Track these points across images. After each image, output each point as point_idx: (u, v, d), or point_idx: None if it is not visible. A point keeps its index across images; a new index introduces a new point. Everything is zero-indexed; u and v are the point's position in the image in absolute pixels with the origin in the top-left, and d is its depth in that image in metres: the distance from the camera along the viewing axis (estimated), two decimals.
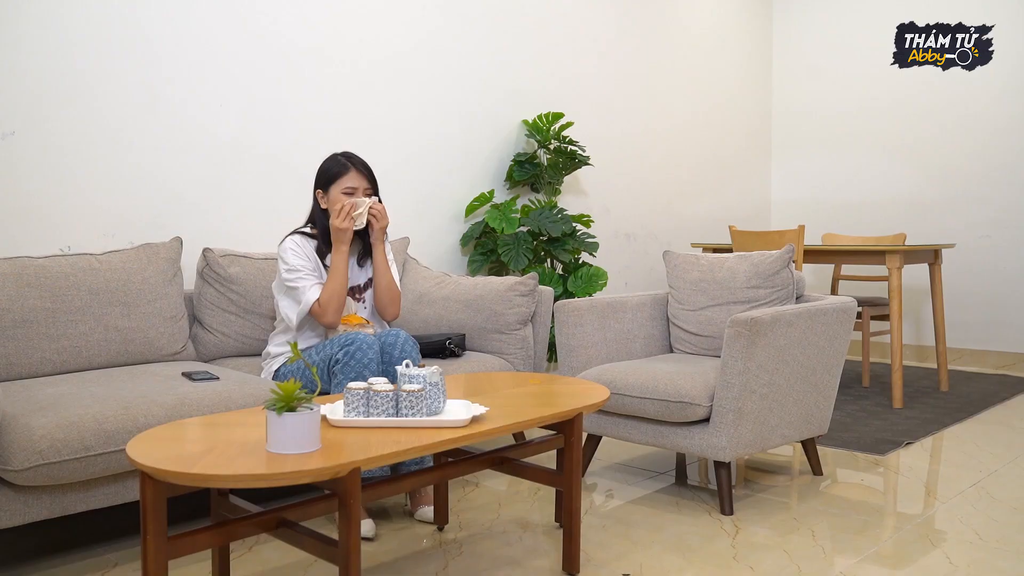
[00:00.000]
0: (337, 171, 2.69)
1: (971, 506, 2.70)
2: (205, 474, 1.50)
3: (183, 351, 2.84)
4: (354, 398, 1.88)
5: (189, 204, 3.18)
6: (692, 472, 3.16)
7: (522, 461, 2.30)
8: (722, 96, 5.87)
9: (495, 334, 3.20)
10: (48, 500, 2.08)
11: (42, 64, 2.79)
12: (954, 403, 4.24)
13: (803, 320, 2.73)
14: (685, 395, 2.62)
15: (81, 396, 2.21)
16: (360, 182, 2.68)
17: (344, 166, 2.69)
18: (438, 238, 4.06)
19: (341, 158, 2.72)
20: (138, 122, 3.03)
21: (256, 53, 3.35)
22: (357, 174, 2.69)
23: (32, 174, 2.79)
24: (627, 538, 2.45)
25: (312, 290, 2.60)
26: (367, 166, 2.73)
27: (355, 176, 2.68)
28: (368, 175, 2.71)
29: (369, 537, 2.40)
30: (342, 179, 2.67)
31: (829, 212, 6.05)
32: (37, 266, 2.57)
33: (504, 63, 4.32)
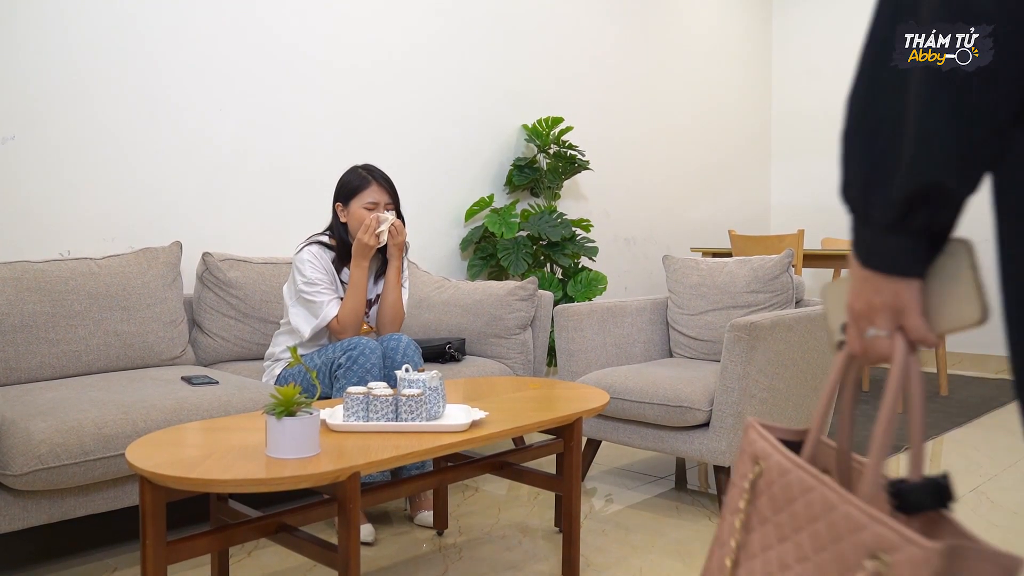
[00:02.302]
0: (358, 184, 2.63)
1: (971, 511, 2.70)
2: (204, 478, 1.50)
3: (182, 355, 2.84)
4: (354, 402, 1.88)
5: (189, 208, 3.18)
6: (692, 476, 3.16)
7: (522, 465, 2.30)
8: (721, 100, 5.88)
9: (495, 338, 3.19)
10: (47, 505, 2.07)
11: (42, 69, 2.80)
12: (954, 407, 4.24)
13: (803, 324, 2.73)
14: (685, 399, 2.62)
15: (80, 400, 2.21)
16: (381, 196, 2.63)
17: (365, 180, 2.63)
18: (438, 242, 4.06)
19: (362, 171, 2.66)
20: (138, 127, 3.03)
21: (255, 59, 3.35)
22: (379, 188, 2.63)
23: (32, 178, 2.80)
24: (627, 543, 2.45)
25: (331, 306, 2.57)
26: (388, 179, 2.67)
27: (376, 190, 2.63)
28: (389, 189, 2.66)
29: (369, 542, 2.39)
30: (363, 193, 2.62)
31: (828, 216, 6.05)
32: (37, 270, 2.57)
33: (503, 67, 4.32)
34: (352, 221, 2.63)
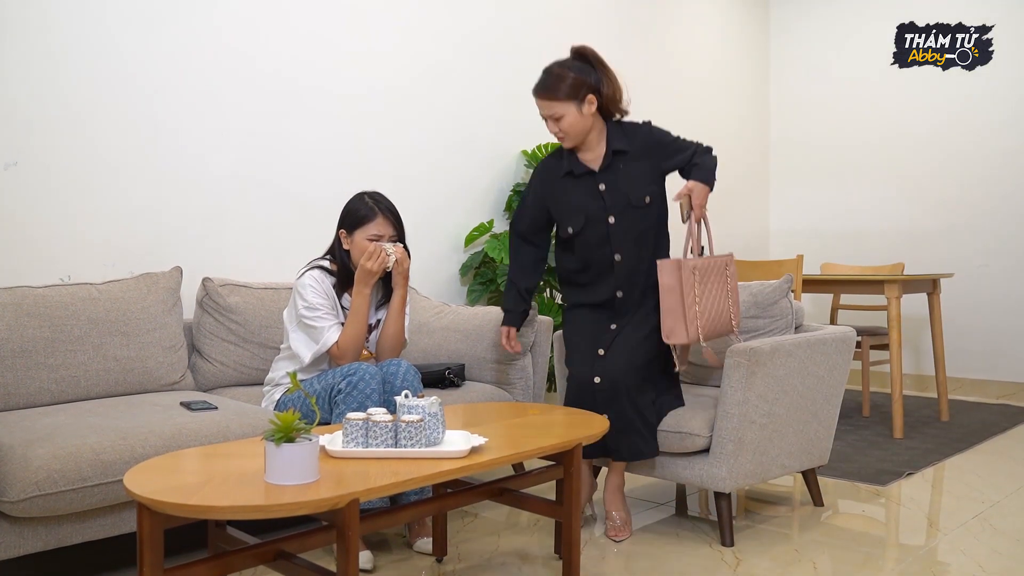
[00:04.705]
0: (364, 215, 2.62)
1: (974, 538, 2.68)
2: (202, 505, 1.49)
3: (182, 381, 2.84)
4: (353, 428, 1.88)
5: (189, 234, 3.19)
6: (692, 503, 3.14)
7: (521, 492, 2.29)
8: (720, 126, 5.91)
9: (494, 364, 3.19)
10: (44, 532, 2.06)
11: (45, 96, 2.82)
12: (955, 433, 4.23)
13: (802, 350, 2.73)
14: (684, 426, 2.62)
15: (79, 426, 2.20)
16: (386, 229, 2.62)
17: (371, 211, 2.62)
18: (437, 268, 4.07)
19: (369, 201, 2.65)
20: (139, 153, 3.05)
21: (256, 85, 3.37)
22: (384, 221, 2.63)
23: (33, 204, 2.81)
24: (627, 570, 2.43)
25: (332, 331, 2.57)
26: (395, 211, 2.66)
27: (382, 223, 2.62)
28: (395, 222, 2.65)
29: (368, 569, 2.37)
30: (368, 225, 2.61)
31: (828, 242, 6.07)
32: (37, 295, 2.58)
33: (503, 94, 4.35)
34: (355, 251, 2.63)
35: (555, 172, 2.76)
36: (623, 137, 2.72)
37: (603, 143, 2.71)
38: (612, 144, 2.70)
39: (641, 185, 2.69)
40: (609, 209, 2.67)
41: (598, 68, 2.73)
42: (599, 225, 2.67)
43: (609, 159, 2.69)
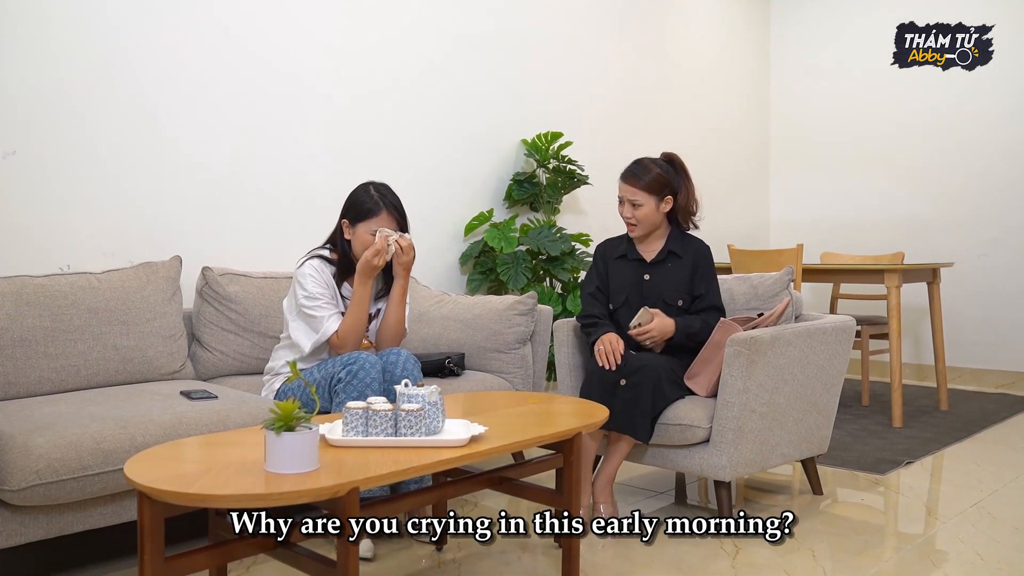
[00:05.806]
0: (369, 208, 2.61)
1: (972, 526, 2.69)
2: (203, 494, 1.50)
3: (182, 370, 2.84)
4: (353, 417, 1.88)
5: (188, 223, 3.18)
6: (692, 491, 3.15)
7: (521, 481, 2.29)
8: (721, 115, 5.90)
9: (494, 353, 3.19)
10: (45, 520, 2.07)
11: (43, 85, 2.81)
12: (954, 422, 4.24)
13: (802, 339, 2.73)
14: (684, 418, 2.62)
15: (79, 415, 2.20)
16: (390, 224, 2.61)
17: (376, 206, 2.61)
18: (437, 257, 4.07)
19: (375, 194, 2.63)
20: (139, 141, 3.04)
21: (256, 73, 3.36)
22: (388, 217, 2.61)
23: (32, 193, 2.80)
24: (627, 558, 2.44)
25: (332, 321, 2.57)
26: (399, 205, 2.65)
27: (385, 219, 2.61)
28: (398, 217, 2.64)
29: (367, 557, 2.38)
30: (371, 220, 2.60)
31: (828, 231, 6.06)
32: (36, 285, 2.58)
33: (503, 83, 4.34)
34: (356, 242, 2.63)
35: (612, 253, 2.98)
36: (680, 243, 2.91)
37: (662, 242, 2.91)
38: (669, 244, 2.89)
39: (680, 289, 2.86)
40: (646, 299, 2.85)
41: (682, 176, 2.92)
42: (635, 309, 2.81)
43: (663, 256, 2.87)
